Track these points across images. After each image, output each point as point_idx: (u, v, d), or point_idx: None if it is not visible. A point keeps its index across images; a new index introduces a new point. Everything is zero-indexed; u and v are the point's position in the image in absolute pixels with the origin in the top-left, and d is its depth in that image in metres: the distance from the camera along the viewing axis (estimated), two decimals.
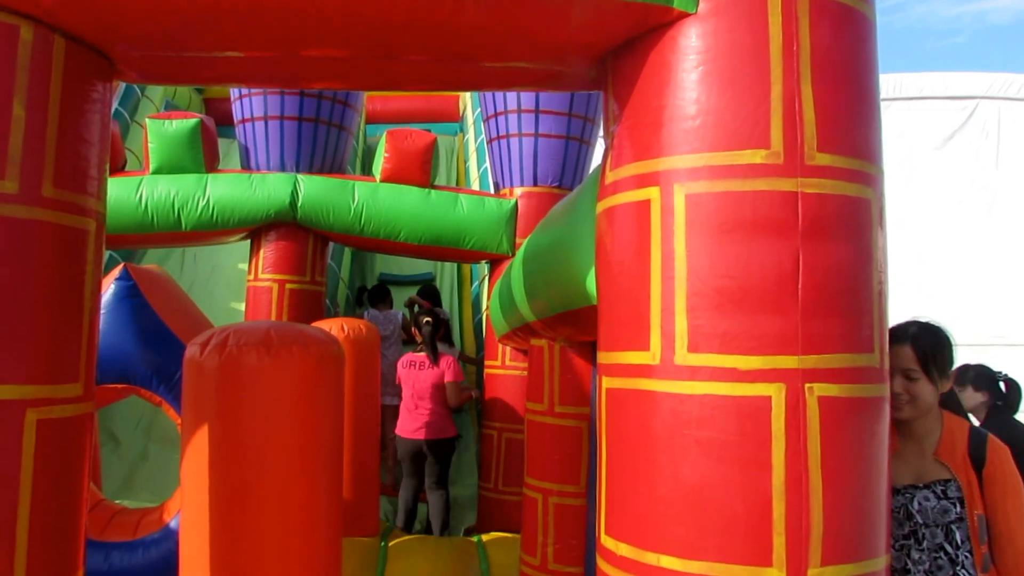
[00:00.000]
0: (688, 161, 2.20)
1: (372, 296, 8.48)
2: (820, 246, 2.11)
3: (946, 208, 10.24)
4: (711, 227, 2.15)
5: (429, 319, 6.68)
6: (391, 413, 7.24)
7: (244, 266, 7.56)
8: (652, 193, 2.25)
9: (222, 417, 3.08)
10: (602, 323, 2.47)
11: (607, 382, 2.40)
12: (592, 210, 2.69)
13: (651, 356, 2.21)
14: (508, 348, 6.49)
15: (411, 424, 6.43)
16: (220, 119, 8.72)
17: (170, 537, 4.30)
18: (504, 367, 6.59)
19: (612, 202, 2.42)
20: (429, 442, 6.39)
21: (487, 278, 7.23)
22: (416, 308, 7.81)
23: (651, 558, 2.17)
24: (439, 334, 6.75)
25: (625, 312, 2.32)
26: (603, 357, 2.45)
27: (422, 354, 6.54)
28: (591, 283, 2.75)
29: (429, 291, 8.44)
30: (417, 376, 6.46)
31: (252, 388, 3.06)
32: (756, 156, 2.13)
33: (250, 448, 3.05)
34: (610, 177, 2.45)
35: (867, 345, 2.15)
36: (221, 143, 9.14)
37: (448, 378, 6.44)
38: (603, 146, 2.61)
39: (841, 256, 2.13)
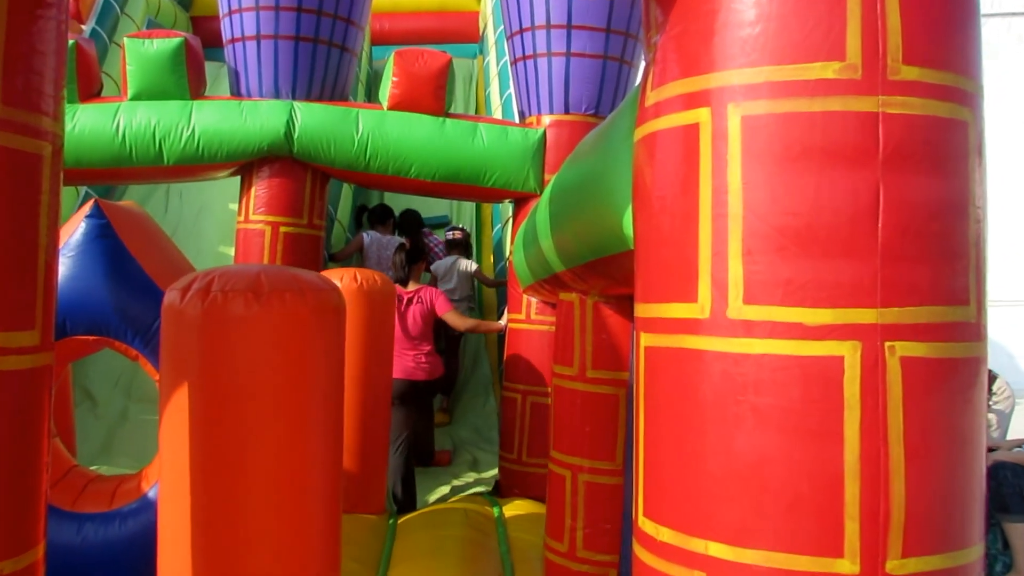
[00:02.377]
0: (745, 76, 2.10)
1: (373, 217, 8.52)
2: (905, 178, 2.01)
3: None
4: (772, 155, 2.06)
5: (403, 242, 6.96)
6: None
7: (236, 206, 7.51)
8: (702, 115, 2.17)
9: (205, 373, 3.05)
10: (640, 270, 2.41)
11: (646, 339, 2.34)
12: (629, 138, 2.62)
13: (699, 308, 2.15)
14: (534, 300, 6.44)
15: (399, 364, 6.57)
16: (208, 40, 8.65)
17: (149, 508, 4.27)
18: (529, 321, 6.56)
19: (653, 127, 2.33)
20: (418, 383, 6.63)
21: (511, 220, 7.16)
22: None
23: (697, 545, 2.10)
24: (421, 259, 6.99)
25: (668, 256, 2.25)
26: (641, 310, 2.39)
27: (409, 289, 6.74)
28: (628, 224, 2.69)
29: (407, 217, 8.86)
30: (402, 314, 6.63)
31: (239, 339, 3.03)
32: (828, 70, 2.03)
33: (236, 409, 3.03)
34: (651, 98, 2.36)
35: (961, 296, 2.05)
36: (209, 67, 9.07)
37: (441, 311, 6.67)
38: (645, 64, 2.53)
39: (930, 190, 2.03)
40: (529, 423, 6.47)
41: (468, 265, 8.48)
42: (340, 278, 5.32)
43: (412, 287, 6.79)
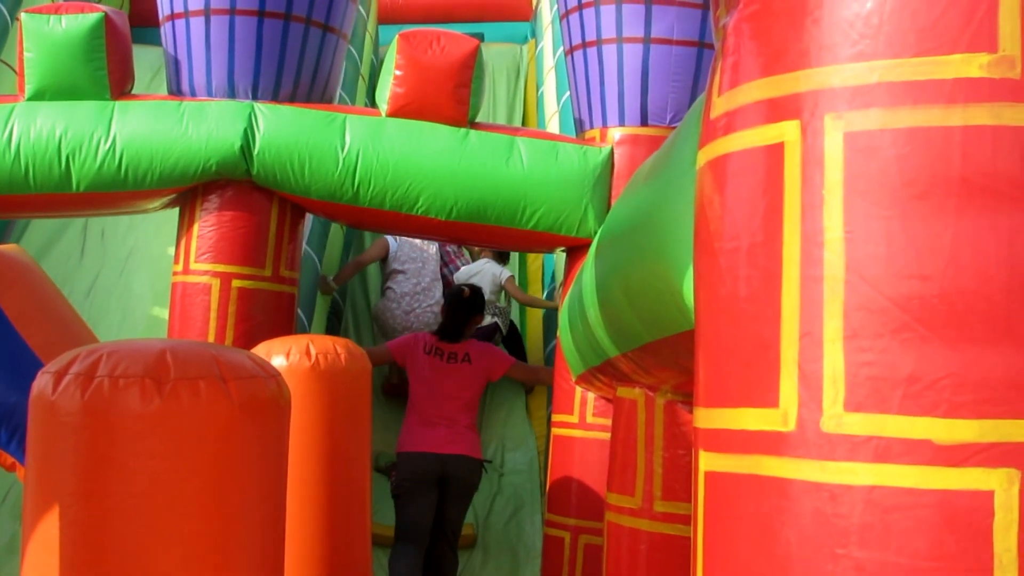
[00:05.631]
0: (851, 75, 2.09)
1: None
2: None
3: None
4: (889, 190, 2.04)
5: (463, 288, 7.57)
6: None
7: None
8: (788, 131, 2.16)
9: (82, 490, 3.06)
10: (700, 358, 2.42)
11: (706, 460, 2.34)
12: (694, 165, 2.62)
13: (780, 417, 2.13)
14: (591, 396, 6.40)
15: (427, 439, 7.04)
16: (145, 19, 8.79)
17: None
18: (584, 426, 6.53)
19: (721, 148, 2.34)
20: (458, 459, 7.07)
21: (564, 277, 7.15)
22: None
23: None
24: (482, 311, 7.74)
25: (737, 339, 2.25)
26: (701, 418, 2.38)
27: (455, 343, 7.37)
28: (690, 289, 2.70)
29: None
30: (441, 371, 7.13)
31: (132, 445, 3.05)
32: (972, 65, 2.00)
33: (127, 539, 3.04)
34: (719, 106, 2.37)
35: None
36: (143, 54, 9.17)
37: (503, 367, 7.45)
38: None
39: None
40: (583, 574, 6.39)
41: (500, 273, 8.94)
42: (286, 353, 5.22)
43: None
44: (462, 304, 7.51)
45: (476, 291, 7.92)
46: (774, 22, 2.22)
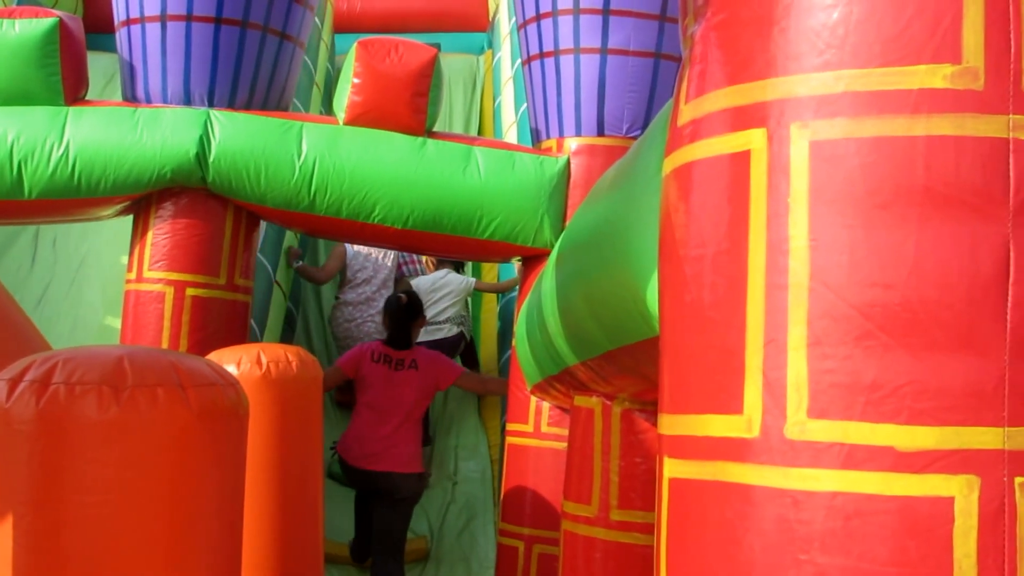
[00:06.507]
0: (817, 84, 2.10)
1: None
2: None
3: None
4: (853, 200, 2.05)
5: (400, 296, 7.67)
6: None
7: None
8: (754, 139, 2.17)
9: (37, 500, 3.03)
10: (665, 365, 2.42)
11: (671, 467, 2.33)
12: (659, 173, 2.62)
13: (744, 424, 2.13)
14: (545, 405, 6.41)
15: (365, 450, 7.22)
16: (99, 25, 8.74)
17: None
18: (539, 435, 6.54)
19: (687, 156, 2.34)
20: (393, 476, 7.19)
21: (520, 288, 7.16)
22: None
23: None
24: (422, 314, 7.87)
25: (702, 346, 2.25)
26: (665, 424, 2.38)
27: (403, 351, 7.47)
28: (654, 297, 2.68)
29: None
30: (388, 378, 7.22)
31: (88, 453, 3.02)
32: (936, 76, 2.01)
33: (82, 549, 3.01)
34: (686, 113, 2.37)
35: None
36: (97, 60, 9.12)
37: (451, 377, 7.59)
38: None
39: None
40: None
41: (463, 283, 9.08)
42: (237, 361, 5.19)
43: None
44: (402, 311, 7.60)
45: (412, 296, 8.02)
46: (741, 31, 2.22)
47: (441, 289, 8.94)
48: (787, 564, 2.04)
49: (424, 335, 8.81)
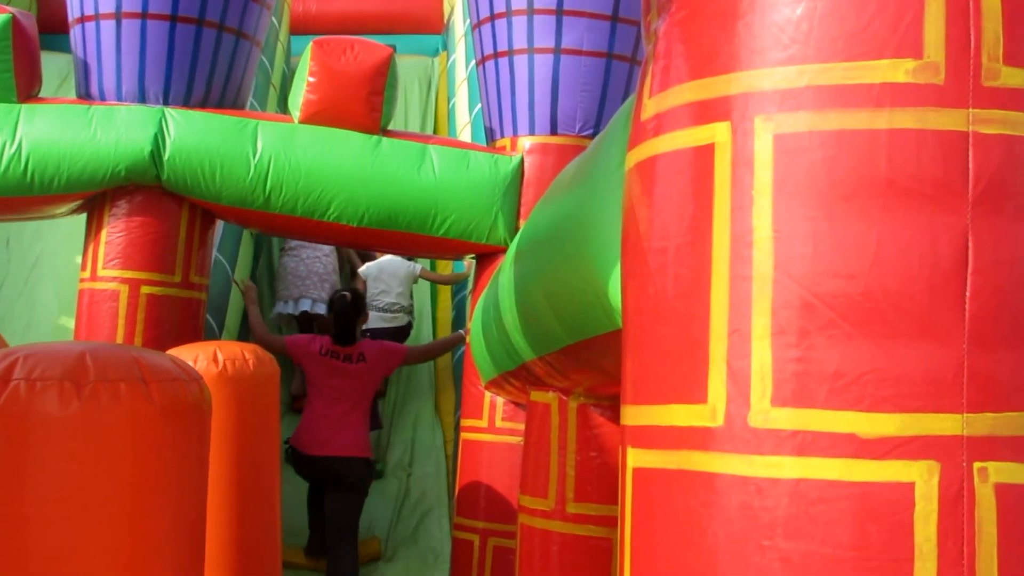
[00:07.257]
0: (780, 78, 2.11)
1: None
2: (1004, 226, 2.01)
3: None
4: (816, 192, 2.06)
5: (344, 293, 7.81)
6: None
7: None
8: (718, 132, 2.18)
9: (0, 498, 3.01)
10: (628, 356, 2.41)
11: (634, 457, 2.34)
12: (621, 167, 2.63)
13: (709, 413, 2.14)
14: (500, 400, 6.42)
15: (317, 435, 7.33)
16: (53, 25, 8.67)
17: None
18: (493, 430, 6.53)
19: (651, 149, 2.35)
20: (342, 460, 7.29)
21: (474, 284, 7.16)
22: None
23: None
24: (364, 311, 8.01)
25: (666, 336, 2.25)
26: (629, 415, 2.39)
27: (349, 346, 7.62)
28: (616, 291, 2.70)
29: None
30: (338, 371, 7.40)
31: (49, 448, 3.00)
32: (898, 71, 2.03)
33: (44, 544, 3.00)
34: (649, 108, 2.38)
35: None
36: (50, 60, 9.05)
37: (399, 358, 7.81)
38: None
39: None
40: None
41: (410, 268, 9.13)
42: (194, 359, 5.16)
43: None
44: (347, 308, 7.68)
45: (356, 293, 8.10)
46: (705, 26, 2.23)
47: (390, 274, 9.05)
48: (751, 550, 2.05)
49: (380, 322, 8.98)
